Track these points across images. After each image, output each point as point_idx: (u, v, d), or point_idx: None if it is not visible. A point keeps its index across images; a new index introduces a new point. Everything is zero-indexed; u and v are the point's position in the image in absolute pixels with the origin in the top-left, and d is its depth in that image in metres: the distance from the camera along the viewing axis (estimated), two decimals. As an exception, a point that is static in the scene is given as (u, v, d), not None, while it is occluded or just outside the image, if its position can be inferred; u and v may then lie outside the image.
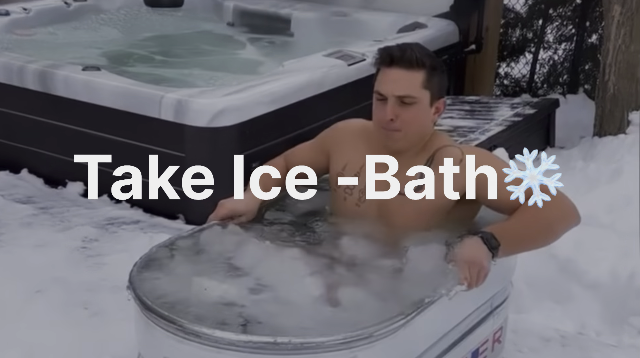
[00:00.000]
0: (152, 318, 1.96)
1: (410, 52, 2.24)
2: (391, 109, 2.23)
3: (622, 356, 3.01)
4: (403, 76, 2.22)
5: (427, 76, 2.24)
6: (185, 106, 3.74)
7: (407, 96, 2.22)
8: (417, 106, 2.24)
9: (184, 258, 2.19)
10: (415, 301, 2.01)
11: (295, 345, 1.86)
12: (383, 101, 2.26)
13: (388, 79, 2.25)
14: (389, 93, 2.24)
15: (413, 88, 2.23)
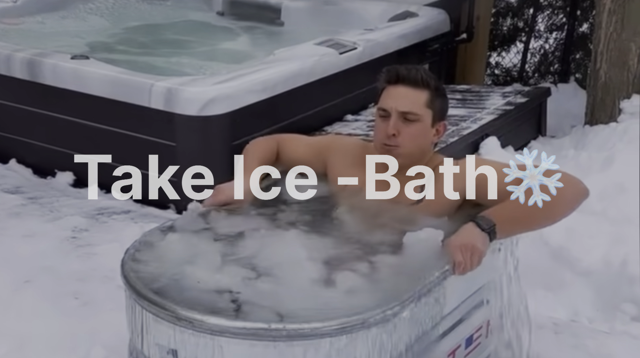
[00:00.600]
0: (144, 305, 1.94)
1: (416, 72, 2.31)
2: (394, 125, 2.28)
3: (614, 342, 3.00)
4: (408, 94, 2.29)
5: (431, 96, 2.30)
6: (176, 94, 3.71)
7: (410, 113, 2.28)
8: (419, 124, 2.29)
9: (177, 243, 2.16)
10: (411, 287, 1.99)
11: (290, 331, 1.83)
12: (386, 117, 2.30)
13: (393, 96, 2.30)
14: (392, 109, 2.28)
15: (417, 106, 2.28)
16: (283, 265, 2.05)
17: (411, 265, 2.08)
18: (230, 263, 2.08)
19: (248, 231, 2.23)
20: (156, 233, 2.21)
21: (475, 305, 2.38)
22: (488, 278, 2.40)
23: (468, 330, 2.37)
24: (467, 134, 4.13)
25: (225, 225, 2.29)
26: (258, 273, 2.03)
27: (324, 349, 1.87)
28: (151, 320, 1.93)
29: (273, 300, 1.92)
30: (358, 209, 2.34)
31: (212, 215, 2.34)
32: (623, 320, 3.18)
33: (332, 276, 2.00)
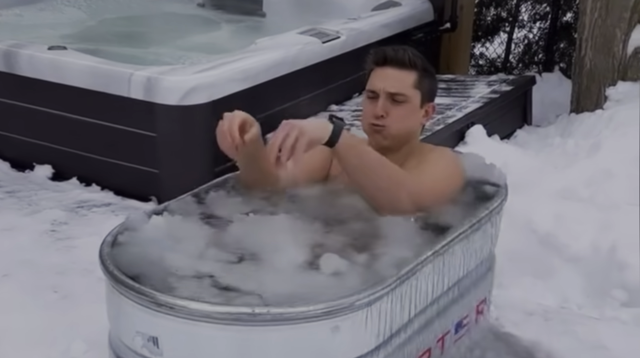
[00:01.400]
0: (122, 291, 1.87)
1: (404, 52, 2.29)
2: (382, 106, 2.26)
3: (604, 328, 2.95)
4: (396, 74, 2.27)
5: (419, 76, 2.29)
6: (156, 83, 3.64)
7: (398, 94, 2.26)
8: (407, 105, 2.28)
9: (160, 227, 2.09)
10: (397, 270, 1.94)
11: (274, 316, 1.77)
12: (374, 99, 2.28)
13: (380, 77, 2.28)
14: (380, 90, 2.26)
15: (405, 86, 2.27)
16: (268, 249, 1.99)
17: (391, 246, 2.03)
18: (214, 248, 2.01)
19: (237, 215, 2.17)
20: (140, 217, 2.14)
21: (465, 289, 2.33)
22: (476, 262, 2.36)
23: (457, 315, 2.33)
24: (453, 122, 4.09)
25: (216, 209, 2.23)
26: (241, 258, 1.97)
27: (310, 333, 1.82)
28: (130, 306, 1.86)
29: (255, 284, 1.85)
30: (345, 193, 2.28)
31: (206, 198, 2.28)
32: (613, 306, 3.14)
33: (316, 260, 1.95)
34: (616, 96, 4.41)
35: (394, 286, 1.92)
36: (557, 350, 2.82)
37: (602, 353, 2.79)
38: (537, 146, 4.42)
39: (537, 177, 3.67)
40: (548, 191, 3.60)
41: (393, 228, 2.10)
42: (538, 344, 2.83)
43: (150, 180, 3.77)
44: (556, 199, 3.56)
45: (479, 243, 2.31)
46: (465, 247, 2.23)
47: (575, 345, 2.83)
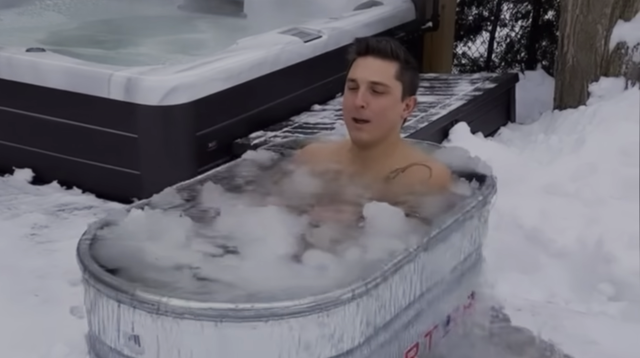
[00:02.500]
0: (101, 289, 1.82)
1: (386, 43, 2.28)
2: (362, 96, 2.22)
3: (593, 323, 2.94)
4: (377, 64, 2.25)
5: (400, 68, 2.26)
6: (136, 83, 3.60)
7: (379, 83, 2.23)
8: (388, 97, 2.25)
9: (141, 221, 2.04)
10: (381, 264, 1.90)
11: (258, 311, 1.73)
12: (354, 90, 2.25)
13: (362, 66, 2.26)
14: (362, 79, 2.24)
15: (386, 77, 2.24)
16: (251, 241, 1.94)
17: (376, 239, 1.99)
18: (196, 241, 1.97)
19: (225, 207, 2.13)
20: (120, 212, 2.10)
21: (454, 283, 2.30)
22: (465, 254, 2.33)
23: (446, 309, 2.29)
24: (437, 119, 4.07)
25: (204, 201, 2.20)
26: (224, 250, 1.93)
27: (295, 328, 1.77)
28: (110, 304, 1.82)
29: (236, 277, 1.81)
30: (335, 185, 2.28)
31: (192, 191, 2.25)
32: (600, 301, 3.12)
33: (301, 253, 1.90)
34: (599, 92, 4.41)
35: (382, 279, 1.89)
36: (546, 345, 2.81)
37: (591, 347, 2.77)
38: (520, 144, 4.41)
39: (522, 173, 3.65)
40: (533, 186, 3.59)
41: (381, 220, 2.07)
42: (528, 339, 2.82)
43: (131, 182, 3.72)
44: (541, 194, 3.54)
45: (467, 236, 2.29)
46: (453, 240, 2.20)
47: (564, 340, 2.81)
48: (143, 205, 2.17)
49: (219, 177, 2.41)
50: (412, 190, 2.21)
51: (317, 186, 2.31)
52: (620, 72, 4.41)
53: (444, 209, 2.19)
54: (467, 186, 2.32)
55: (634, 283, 3.07)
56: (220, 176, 2.41)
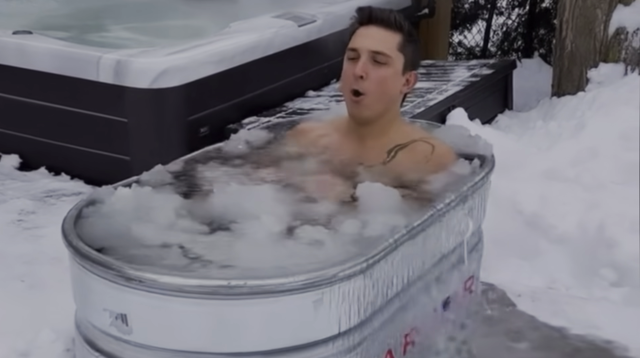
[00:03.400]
0: (87, 266, 1.74)
1: (390, 13, 2.20)
2: (362, 66, 2.13)
3: (595, 308, 2.86)
4: (380, 34, 2.16)
5: (403, 40, 2.17)
6: (126, 66, 3.50)
7: (381, 53, 2.14)
8: (389, 69, 2.16)
9: (129, 200, 1.96)
10: (381, 242, 1.82)
11: (252, 288, 1.65)
12: (354, 59, 2.16)
13: (364, 35, 2.17)
14: (362, 48, 2.15)
15: (388, 47, 2.15)
16: (243, 219, 1.85)
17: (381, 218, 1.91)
18: (186, 219, 1.88)
19: (217, 185, 2.04)
20: (107, 190, 2.01)
21: (453, 264, 2.22)
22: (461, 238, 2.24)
23: (445, 291, 2.21)
24: (434, 105, 3.99)
25: (195, 179, 2.12)
26: (215, 229, 1.84)
27: (290, 307, 1.69)
28: (96, 282, 1.73)
29: (229, 256, 1.72)
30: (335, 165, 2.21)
31: (183, 170, 2.17)
32: (602, 286, 3.04)
33: (294, 230, 1.82)
34: (598, 78, 4.34)
35: (380, 257, 1.81)
36: (548, 330, 2.74)
37: (594, 332, 2.70)
38: (519, 130, 4.33)
39: (520, 159, 3.57)
40: (533, 172, 3.51)
41: (379, 198, 1.99)
42: (528, 324, 2.75)
43: (121, 168, 3.62)
44: (541, 180, 3.46)
45: (466, 216, 2.20)
46: (453, 218, 2.12)
47: (566, 325, 2.75)
48: (131, 183, 2.09)
49: (211, 155, 2.33)
50: (414, 167, 2.14)
51: (312, 163, 2.23)
52: (620, 57, 4.33)
53: (445, 186, 2.12)
54: (468, 164, 2.25)
55: (636, 269, 3.00)
56: (212, 155, 2.34)
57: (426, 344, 2.15)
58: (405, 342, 2.06)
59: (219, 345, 1.69)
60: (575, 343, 2.66)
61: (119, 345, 1.75)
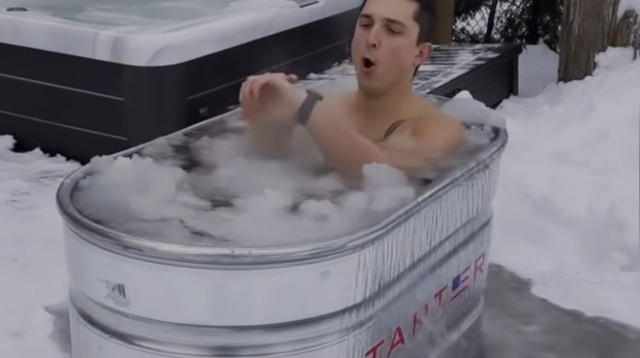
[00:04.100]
0: (82, 234, 1.64)
1: None
2: (376, 34, 2.01)
3: (606, 291, 2.80)
4: (395, 1, 2.04)
5: (420, 8, 2.06)
6: (123, 43, 3.42)
7: (396, 22, 2.02)
8: (403, 38, 2.04)
9: (129, 171, 1.85)
10: (391, 212, 1.73)
11: (256, 258, 1.56)
12: (368, 27, 2.04)
13: (378, 2, 2.05)
14: (377, 15, 2.02)
15: (404, 15, 2.03)
16: (247, 194, 1.76)
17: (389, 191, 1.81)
18: (186, 193, 1.78)
19: (222, 158, 1.94)
20: (105, 160, 1.91)
21: (464, 241, 2.13)
22: (477, 210, 2.16)
23: (455, 269, 2.12)
24: (438, 87, 3.90)
25: (199, 152, 2.02)
26: (216, 203, 1.74)
27: (296, 278, 1.60)
28: (92, 251, 1.64)
29: (230, 231, 1.62)
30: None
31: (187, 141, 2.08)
32: (612, 270, 2.96)
33: (299, 205, 1.72)
34: (606, 62, 4.24)
35: (390, 228, 1.71)
36: (559, 314, 2.66)
37: (607, 316, 2.63)
38: (524, 115, 4.24)
39: (528, 141, 3.48)
40: (541, 155, 3.43)
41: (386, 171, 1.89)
42: (538, 307, 2.67)
43: (118, 149, 3.50)
44: (550, 163, 3.38)
45: (478, 190, 2.12)
46: (464, 192, 2.03)
47: (577, 309, 2.67)
48: (131, 154, 1.99)
49: (216, 127, 2.23)
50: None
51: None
52: (629, 41, 4.24)
53: (456, 159, 2.03)
54: (480, 137, 2.16)
55: (649, 252, 2.92)
56: (218, 127, 2.24)
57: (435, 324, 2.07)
58: (415, 320, 1.97)
59: (221, 318, 1.60)
60: (587, 327, 2.59)
61: (116, 318, 1.65)
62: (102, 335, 1.69)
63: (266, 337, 1.62)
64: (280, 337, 1.63)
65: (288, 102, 1.89)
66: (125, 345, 1.65)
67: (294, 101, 1.88)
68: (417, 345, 1.99)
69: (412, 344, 1.96)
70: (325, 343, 1.68)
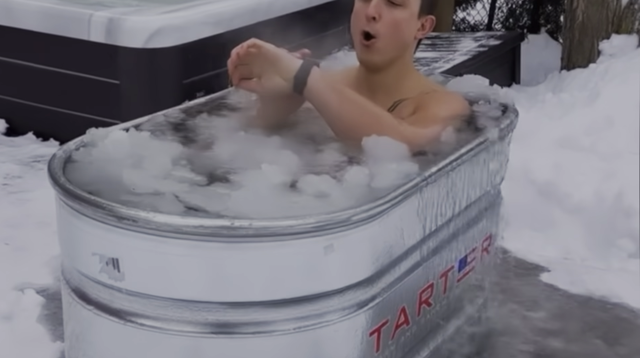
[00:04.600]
0: (75, 206, 1.56)
1: None
2: (375, 6, 1.93)
3: (614, 278, 2.72)
4: None
5: None
6: (118, 24, 3.34)
7: None
8: (404, 11, 1.96)
9: (124, 144, 1.76)
10: (397, 186, 1.65)
11: (257, 230, 1.48)
12: (367, 0, 1.95)
13: None
14: None
15: None
16: (247, 170, 1.67)
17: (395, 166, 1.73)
18: (183, 168, 1.69)
19: (222, 134, 1.86)
20: (100, 132, 1.83)
21: (471, 220, 2.06)
22: (485, 189, 2.08)
23: (462, 249, 2.05)
24: (440, 73, 3.81)
25: (198, 128, 1.94)
26: (212, 179, 1.66)
27: (298, 253, 1.53)
28: (85, 223, 1.56)
29: (226, 206, 1.53)
30: None
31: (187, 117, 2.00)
32: (619, 257, 2.90)
33: (298, 181, 1.63)
34: (610, 50, 4.18)
35: (396, 202, 1.64)
36: (566, 300, 2.59)
37: (615, 302, 2.56)
38: (527, 104, 4.15)
39: (532, 126, 3.41)
40: (545, 140, 3.36)
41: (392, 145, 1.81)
42: (545, 293, 2.60)
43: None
44: (554, 148, 3.31)
45: (487, 167, 2.04)
46: (473, 168, 1.96)
47: (585, 295, 2.60)
48: (128, 127, 1.91)
49: (218, 103, 2.16)
50: None
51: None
52: (633, 28, 4.17)
53: (463, 133, 1.95)
54: (489, 112, 2.08)
55: (657, 239, 2.85)
56: (219, 103, 2.16)
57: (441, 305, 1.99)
58: (420, 301, 1.89)
59: (219, 293, 1.52)
60: (596, 313, 2.52)
61: (110, 294, 1.57)
62: (96, 312, 1.61)
63: (266, 313, 1.55)
64: (281, 314, 1.56)
65: (283, 70, 1.81)
66: (120, 322, 1.57)
67: (289, 68, 1.81)
68: (421, 328, 1.92)
69: (416, 326, 1.89)
70: (327, 321, 1.60)
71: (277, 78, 1.82)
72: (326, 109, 1.83)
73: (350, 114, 1.82)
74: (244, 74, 1.88)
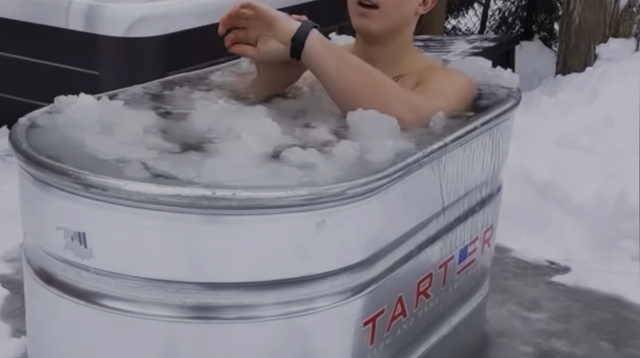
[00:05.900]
0: (37, 174, 1.40)
1: None
2: None
3: (617, 279, 2.60)
4: None
5: None
6: (98, 12, 3.20)
7: None
8: None
9: (88, 112, 1.61)
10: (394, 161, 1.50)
11: (241, 201, 1.32)
12: None
13: None
14: None
15: None
16: (225, 140, 1.51)
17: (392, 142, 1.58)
18: (154, 136, 1.52)
19: (203, 103, 1.70)
20: (69, 99, 1.67)
21: (472, 207, 1.91)
22: (486, 175, 1.94)
23: (463, 239, 1.90)
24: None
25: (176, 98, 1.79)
26: (185, 147, 1.49)
27: (287, 228, 1.37)
28: (48, 194, 1.39)
29: (197, 173, 1.36)
30: None
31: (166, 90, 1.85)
32: (622, 260, 2.77)
33: (281, 152, 1.47)
34: (607, 54, 4.06)
35: (395, 178, 1.48)
36: (568, 301, 2.45)
37: (619, 303, 2.43)
38: (522, 107, 4.02)
39: (530, 125, 3.29)
40: (543, 140, 3.23)
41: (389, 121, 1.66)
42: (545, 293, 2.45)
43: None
44: (553, 148, 3.18)
45: (488, 152, 1.90)
46: (475, 151, 1.82)
47: (588, 296, 2.46)
48: (100, 96, 1.74)
49: (202, 76, 2.01)
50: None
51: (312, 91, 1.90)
52: (631, 32, 4.07)
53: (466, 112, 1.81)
54: (492, 94, 1.95)
55: (661, 241, 2.72)
56: (203, 76, 2.01)
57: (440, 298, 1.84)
58: (419, 291, 1.74)
59: (198, 273, 1.36)
60: (600, 314, 2.38)
61: (76, 274, 1.40)
62: (60, 294, 1.44)
63: (250, 296, 1.39)
64: (266, 297, 1.40)
65: (280, 32, 1.66)
66: (87, 305, 1.41)
67: (287, 30, 1.66)
68: (418, 322, 1.76)
69: (414, 319, 1.74)
70: (318, 307, 1.44)
71: (274, 41, 1.67)
72: (325, 74, 1.68)
73: (350, 78, 1.67)
74: (240, 38, 1.73)
